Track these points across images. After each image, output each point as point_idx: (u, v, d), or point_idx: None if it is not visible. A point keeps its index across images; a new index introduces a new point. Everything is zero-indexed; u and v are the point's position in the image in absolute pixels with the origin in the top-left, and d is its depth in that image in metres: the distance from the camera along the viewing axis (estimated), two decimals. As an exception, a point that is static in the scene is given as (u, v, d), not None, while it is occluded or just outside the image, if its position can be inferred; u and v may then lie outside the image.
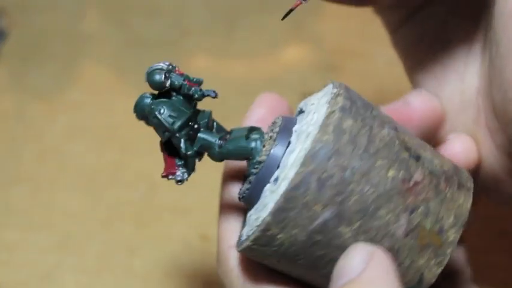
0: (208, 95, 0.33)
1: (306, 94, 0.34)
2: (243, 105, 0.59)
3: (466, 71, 0.38)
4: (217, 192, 0.35)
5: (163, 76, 0.32)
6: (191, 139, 0.32)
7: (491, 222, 0.48)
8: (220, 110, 0.59)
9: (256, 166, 0.31)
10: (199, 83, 0.33)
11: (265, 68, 0.63)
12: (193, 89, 0.32)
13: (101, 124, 0.59)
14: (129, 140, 0.58)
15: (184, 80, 0.33)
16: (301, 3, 0.33)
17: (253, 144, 0.32)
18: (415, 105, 0.37)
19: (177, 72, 0.33)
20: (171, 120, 0.32)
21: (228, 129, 0.34)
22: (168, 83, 0.32)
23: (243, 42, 0.65)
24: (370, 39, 0.63)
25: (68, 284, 0.50)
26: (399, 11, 0.40)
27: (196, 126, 0.33)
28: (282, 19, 0.33)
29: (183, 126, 0.32)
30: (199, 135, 0.33)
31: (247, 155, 0.32)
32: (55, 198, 0.55)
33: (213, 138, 0.33)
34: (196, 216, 0.53)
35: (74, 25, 0.67)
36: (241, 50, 0.65)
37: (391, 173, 0.30)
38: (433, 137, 0.37)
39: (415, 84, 0.41)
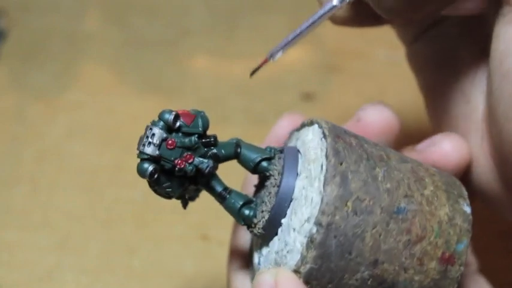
0: (201, 168, 0.32)
1: (306, 94, 0.34)
2: (242, 105, 0.59)
3: (472, 93, 0.37)
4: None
5: (150, 172, 0.31)
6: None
7: (490, 223, 0.48)
8: (220, 110, 0.59)
9: (254, 234, 0.33)
10: (197, 133, 0.32)
11: (265, 68, 0.63)
12: (183, 170, 0.31)
13: (101, 124, 0.59)
14: (129, 140, 0.58)
15: (180, 155, 0.31)
16: (267, 60, 0.33)
17: (246, 213, 0.33)
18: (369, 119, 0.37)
19: (169, 144, 0.31)
20: (166, 194, 0.32)
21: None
22: (155, 176, 0.31)
23: (243, 42, 0.65)
24: (370, 39, 0.63)
25: (68, 284, 0.50)
26: (412, 27, 0.40)
27: (196, 182, 0.33)
28: (250, 76, 0.34)
29: (180, 195, 0.33)
30: (209, 182, 0.33)
31: (240, 223, 0.33)
32: (55, 198, 0.55)
33: (218, 188, 0.33)
34: (196, 216, 0.53)
35: (74, 25, 0.67)
36: (241, 50, 0.65)
37: None
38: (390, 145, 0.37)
39: (425, 101, 0.41)
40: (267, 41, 0.65)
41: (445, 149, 0.36)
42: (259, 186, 0.34)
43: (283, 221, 0.32)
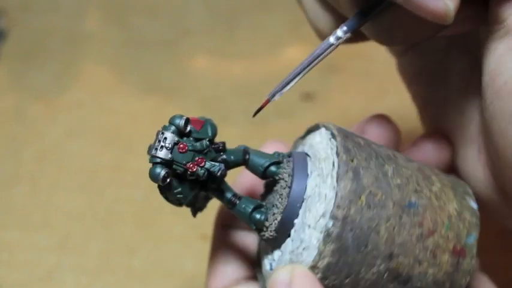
0: (213, 171, 0.32)
1: (306, 94, 0.34)
2: (242, 105, 0.59)
3: (465, 105, 0.37)
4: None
5: (163, 176, 0.31)
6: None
7: (490, 222, 0.48)
8: (219, 110, 0.59)
9: (265, 238, 0.33)
10: (207, 139, 0.32)
11: (265, 68, 0.63)
12: (195, 173, 0.32)
13: (101, 124, 0.59)
14: (129, 140, 0.58)
15: (192, 159, 0.31)
16: (269, 101, 0.34)
17: (257, 217, 0.33)
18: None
19: (180, 148, 0.31)
20: (177, 200, 0.33)
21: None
22: (167, 180, 0.32)
23: (243, 42, 0.65)
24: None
25: (68, 284, 0.50)
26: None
27: (207, 188, 0.33)
28: (254, 116, 0.34)
29: (190, 202, 0.34)
30: (219, 188, 0.33)
31: (252, 227, 0.33)
32: (55, 198, 0.55)
33: (228, 194, 0.33)
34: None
35: (74, 25, 0.67)
36: (241, 50, 0.65)
37: None
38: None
39: (419, 112, 0.40)
40: (267, 41, 0.65)
41: (426, 148, 0.37)
42: (266, 192, 0.35)
43: (295, 221, 0.32)
